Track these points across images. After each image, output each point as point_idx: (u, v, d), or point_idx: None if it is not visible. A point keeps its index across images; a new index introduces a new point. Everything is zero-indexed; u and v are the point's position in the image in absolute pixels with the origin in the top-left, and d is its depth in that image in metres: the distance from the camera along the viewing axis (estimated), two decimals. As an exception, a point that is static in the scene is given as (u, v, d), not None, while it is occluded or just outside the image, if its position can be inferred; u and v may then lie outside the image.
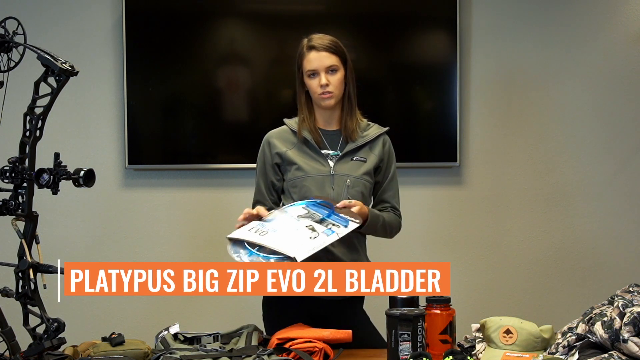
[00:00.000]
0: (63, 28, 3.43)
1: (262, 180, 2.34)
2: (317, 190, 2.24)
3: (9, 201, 1.72)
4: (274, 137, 2.34)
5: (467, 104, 3.53)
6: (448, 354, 1.74)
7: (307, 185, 2.25)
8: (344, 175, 2.25)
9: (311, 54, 2.23)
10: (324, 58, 2.21)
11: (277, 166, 2.32)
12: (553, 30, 3.55)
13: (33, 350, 1.70)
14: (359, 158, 2.28)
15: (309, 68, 2.23)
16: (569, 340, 1.78)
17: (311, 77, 2.24)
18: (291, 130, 2.32)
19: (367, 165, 2.28)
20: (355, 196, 2.24)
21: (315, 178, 2.25)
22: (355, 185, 2.25)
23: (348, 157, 2.28)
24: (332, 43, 2.24)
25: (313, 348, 1.89)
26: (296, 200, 2.23)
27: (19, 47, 1.74)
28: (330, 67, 2.22)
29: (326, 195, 2.21)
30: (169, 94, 3.50)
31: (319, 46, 2.22)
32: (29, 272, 1.73)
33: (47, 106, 1.72)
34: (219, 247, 3.50)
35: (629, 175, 3.59)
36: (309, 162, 2.27)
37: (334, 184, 2.25)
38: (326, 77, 2.21)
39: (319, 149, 2.28)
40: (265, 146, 2.35)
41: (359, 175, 2.26)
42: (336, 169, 2.26)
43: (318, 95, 2.24)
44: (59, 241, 3.42)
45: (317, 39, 2.24)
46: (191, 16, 3.43)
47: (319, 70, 2.22)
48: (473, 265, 3.59)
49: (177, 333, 1.99)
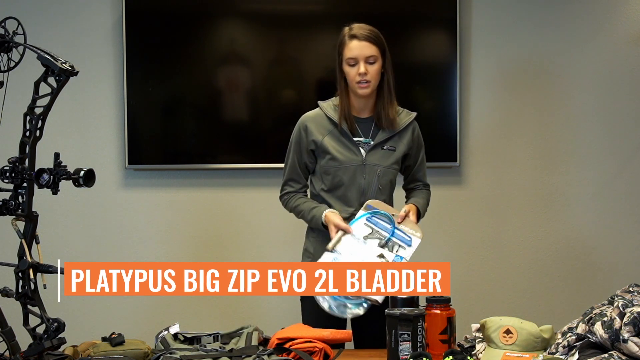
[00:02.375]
0: (63, 28, 3.43)
1: (297, 159, 2.42)
2: (349, 180, 2.34)
3: (9, 201, 1.72)
4: (310, 122, 2.39)
5: (467, 104, 3.53)
6: (448, 354, 1.75)
7: (340, 175, 2.35)
8: (374, 165, 2.35)
9: (352, 42, 2.29)
10: (365, 48, 2.28)
11: (312, 152, 2.39)
12: (553, 30, 3.55)
13: (33, 350, 1.70)
14: (389, 147, 2.37)
15: (349, 56, 2.29)
16: (569, 340, 1.78)
17: (350, 65, 2.29)
18: (326, 115, 2.38)
19: (396, 154, 2.38)
20: (385, 185, 2.37)
21: (348, 168, 2.34)
22: (385, 175, 2.37)
23: (379, 146, 2.36)
24: (373, 33, 2.30)
25: (313, 348, 1.89)
26: (327, 185, 2.36)
27: (19, 47, 1.74)
28: (369, 57, 2.28)
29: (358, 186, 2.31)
30: (169, 94, 3.49)
31: (361, 35, 2.28)
32: (29, 272, 1.73)
33: (47, 106, 1.72)
34: (219, 247, 3.52)
35: (629, 175, 3.59)
36: (343, 151, 2.34)
37: (365, 173, 2.35)
38: (365, 66, 2.28)
39: (352, 137, 2.35)
40: (301, 130, 2.40)
41: (388, 165, 2.37)
42: (368, 159, 2.35)
43: (355, 84, 2.30)
44: (59, 241, 3.42)
45: (358, 28, 2.31)
46: (191, 16, 3.43)
47: (358, 59, 2.28)
48: (473, 265, 3.59)
49: (177, 333, 1.99)
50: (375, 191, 2.36)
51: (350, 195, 2.35)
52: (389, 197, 2.42)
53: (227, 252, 3.51)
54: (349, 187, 2.35)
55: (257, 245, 3.49)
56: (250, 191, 3.51)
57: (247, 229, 3.50)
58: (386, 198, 2.39)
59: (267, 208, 3.48)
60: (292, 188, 2.44)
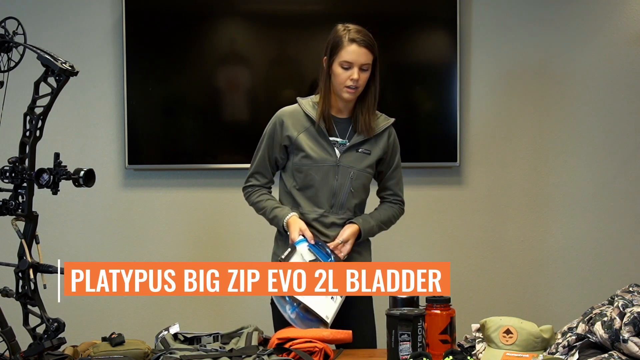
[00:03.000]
0: (63, 28, 3.43)
1: (267, 153, 2.38)
2: (321, 180, 2.30)
3: (9, 201, 1.72)
4: (286, 117, 2.37)
5: (467, 104, 3.53)
6: (448, 354, 1.74)
7: (312, 174, 2.31)
8: (348, 167, 2.32)
9: (352, 46, 2.25)
10: (363, 55, 2.25)
11: (284, 148, 2.36)
12: (553, 30, 3.55)
13: (33, 350, 1.70)
14: (364, 150, 2.34)
15: (346, 59, 2.25)
16: (569, 340, 1.78)
17: (344, 68, 2.26)
18: (303, 112, 2.35)
19: (371, 157, 2.34)
20: (357, 188, 2.33)
21: (321, 167, 2.30)
22: (358, 178, 2.33)
23: (354, 148, 2.33)
24: (371, 40, 2.28)
25: (313, 348, 1.89)
26: (298, 183, 2.33)
27: (19, 47, 1.74)
28: (364, 64, 2.26)
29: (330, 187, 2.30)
30: (169, 94, 3.49)
31: (360, 41, 2.25)
32: (29, 272, 1.73)
33: (47, 106, 1.72)
34: (219, 247, 3.52)
35: (628, 175, 3.59)
36: (317, 149, 2.31)
37: (338, 175, 2.31)
38: (358, 72, 2.25)
39: (328, 137, 2.32)
40: (277, 124, 2.37)
41: (362, 168, 2.33)
42: (342, 160, 2.31)
43: (343, 87, 2.27)
44: (59, 241, 3.42)
45: (357, 32, 2.27)
46: (191, 16, 3.43)
47: (354, 65, 2.25)
48: (473, 265, 3.59)
49: (177, 333, 1.99)
50: (347, 194, 2.32)
51: (321, 196, 2.32)
52: (361, 202, 2.39)
53: (227, 252, 3.51)
54: (321, 187, 2.31)
55: (257, 245, 3.49)
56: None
57: (247, 229, 3.50)
58: (358, 202, 2.37)
59: (267, 208, 3.48)
60: (257, 182, 2.40)
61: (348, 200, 2.33)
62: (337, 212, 2.33)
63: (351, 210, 2.36)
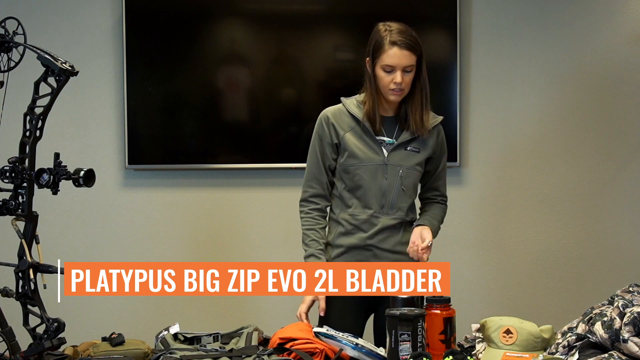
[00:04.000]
0: (63, 28, 3.43)
1: (319, 155, 2.32)
2: (370, 180, 2.26)
3: (9, 201, 1.72)
4: (332, 116, 2.31)
5: (467, 104, 3.53)
6: (448, 354, 1.74)
7: (360, 174, 2.27)
8: (396, 165, 2.27)
9: (393, 49, 2.19)
10: (405, 57, 2.19)
11: (335, 146, 2.31)
12: (553, 30, 3.55)
13: (33, 350, 1.70)
14: (412, 148, 2.29)
15: (388, 63, 2.20)
16: (569, 340, 1.77)
17: (386, 71, 2.21)
18: (348, 111, 2.30)
19: (420, 156, 2.30)
20: (408, 186, 2.29)
21: (369, 167, 2.26)
22: (407, 176, 2.28)
23: (402, 146, 2.28)
24: (414, 40, 2.21)
25: (314, 349, 1.89)
26: (347, 184, 2.29)
27: (19, 47, 1.74)
28: (407, 66, 2.20)
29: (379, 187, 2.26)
30: (169, 94, 3.49)
31: (402, 44, 2.19)
32: (29, 272, 1.73)
33: (47, 106, 1.72)
34: (219, 247, 3.52)
35: (628, 176, 3.59)
36: (364, 148, 2.27)
37: (387, 174, 2.26)
38: (402, 75, 2.20)
39: (375, 136, 2.27)
40: (323, 123, 2.32)
41: (411, 166, 2.28)
42: (390, 159, 2.27)
43: (388, 90, 2.22)
44: (59, 241, 3.42)
45: (399, 33, 2.21)
46: (191, 16, 3.43)
47: (397, 68, 2.20)
48: (473, 265, 3.58)
49: (177, 333, 1.99)
50: (398, 193, 2.27)
51: (371, 196, 2.27)
52: (411, 201, 2.33)
53: (227, 252, 3.51)
54: (369, 187, 2.26)
55: (257, 245, 3.49)
56: (250, 191, 3.51)
57: (247, 229, 3.50)
58: (409, 202, 2.31)
59: (267, 208, 3.48)
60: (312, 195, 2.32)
61: (399, 200, 2.28)
62: (387, 212, 2.27)
63: (402, 210, 2.29)
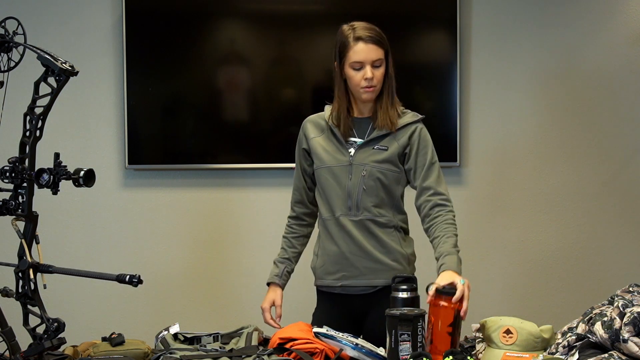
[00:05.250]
0: (63, 28, 3.43)
1: (298, 164, 2.37)
2: (335, 181, 2.24)
3: (9, 201, 1.72)
4: (309, 122, 2.34)
5: (467, 104, 3.53)
6: (448, 354, 1.74)
7: (325, 176, 2.26)
8: (360, 164, 2.22)
9: (358, 45, 2.16)
10: (371, 51, 2.16)
11: (305, 152, 2.32)
12: (553, 30, 3.55)
13: (33, 350, 1.70)
14: (379, 147, 2.23)
15: (355, 59, 2.16)
16: (569, 340, 1.78)
17: (355, 69, 2.18)
18: (324, 116, 2.31)
19: (387, 153, 2.22)
20: (372, 185, 2.21)
21: (333, 169, 2.24)
22: (371, 174, 2.21)
23: (370, 145, 2.23)
24: (378, 34, 2.18)
25: (314, 349, 1.89)
26: (318, 188, 2.29)
27: (19, 47, 1.74)
28: (376, 60, 2.17)
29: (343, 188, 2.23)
30: (169, 94, 3.49)
31: (367, 38, 2.15)
32: (29, 272, 1.73)
33: (47, 106, 1.72)
34: (219, 247, 3.52)
35: (628, 176, 3.59)
36: (330, 150, 2.26)
37: (351, 174, 2.22)
38: (371, 70, 2.17)
39: (343, 139, 2.25)
40: (301, 129, 2.35)
41: (375, 164, 2.21)
42: (355, 158, 2.23)
43: (360, 88, 2.19)
44: (59, 241, 3.42)
45: (363, 29, 2.18)
46: (191, 16, 3.43)
47: (364, 63, 2.16)
48: (473, 265, 3.58)
49: (177, 333, 1.99)
50: (360, 192, 2.21)
51: (336, 198, 2.23)
52: (380, 201, 2.23)
53: (227, 252, 3.51)
54: (335, 189, 2.23)
55: (257, 246, 3.49)
56: (250, 191, 3.51)
57: (247, 229, 3.50)
58: (375, 202, 2.22)
59: (267, 208, 3.48)
60: (293, 199, 2.40)
61: (364, 200, 2.21)
62: (355, 213, 2.23)
63: (369, 211, 2.22)
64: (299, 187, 2.37)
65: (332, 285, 2.29)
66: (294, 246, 2.38)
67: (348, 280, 2.25)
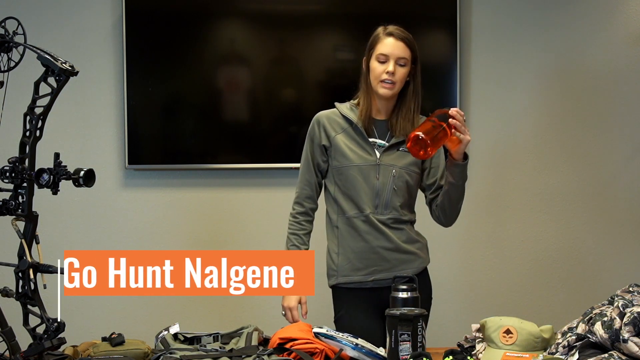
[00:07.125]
0: (63, 28, 3.43)
1: (310, 157, 2.36)
2: (363, 180, 2.28)
3: (9, 201, 1.72)
4: (324, 118, 2.35)
5: (467, 104, 3.53)
6: (448, 354, 1.74)
7: (353, 174, 2.28)
8: (389, 165, 2.28)
9: (388, 39, 2.24)
10: (399, 47, 2.23)
11: (324, 148, 2.33)
12: (553, 30, 3.55)
13: (33, 350, 1.70)
14: (404, 149, 2.28)
15: (382, 52, 2.23)
16: (569, 340, 1.78)
17: (380, 61, 2.24)
18: (341, 114, 2.33)
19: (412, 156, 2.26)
20: (401, 186, 2.29)
21: (361, 167, 2.28)
22: (400, 175, 2.29)
23: (394, 148, 2.30)
24: (410, 38, 2.27)
25: (314, 349, 1.89)
26: (340, 186, 2.30)
27: (19, 47, 1.74)
28: (401, 58, 2.24)
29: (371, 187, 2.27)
30: (169, 94, 3.49)
31: (397, 35, 2.25)
32: (29, 272, 1.73)
33: (47, 106, 1.72)
34: (219, 247, 3.52)
35: (628, 176, 3.59)
36: (356, 149, 2.29)
37: (379, 174, 2.28)
38: (394, 66, 2.23)
39: (367, 137, 2.29)
40: (315, 125, 2.35)
41: (404, 166, 2.29)
42: (382, 159, 2.28)
43: (379, 82, 2.24)
44: (59, 241, 3.42)
45: (395, 28, 2.27)
46: (191, 16, 3.43)
47: (390, 57, 2.23)
48: (473, 265, 3.58)
49: (177, 333, 1.99)
50: (390, 192, 2.28)
51: (364, 197, 2.28)
52: (405, 201, 2.33)
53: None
54: (362, 188, 2.28)
55: (257, 246, 3.49)
56: (250, 191, 3.51)
57: (247, 229, 3.50)
58: (403, 202, 2.31)
59: (267, 208, 3.48)
60: (302, 198, 2.36)
61: (392, 200, 2.28)
62: (382, 212, 2.28)
63: (397, 209, 2.30)
64: (311, 183, 2.37)
65: (364, 281, 2.31)
66: (305, 242, 2.36)
67: (380, 274, 2.30)
